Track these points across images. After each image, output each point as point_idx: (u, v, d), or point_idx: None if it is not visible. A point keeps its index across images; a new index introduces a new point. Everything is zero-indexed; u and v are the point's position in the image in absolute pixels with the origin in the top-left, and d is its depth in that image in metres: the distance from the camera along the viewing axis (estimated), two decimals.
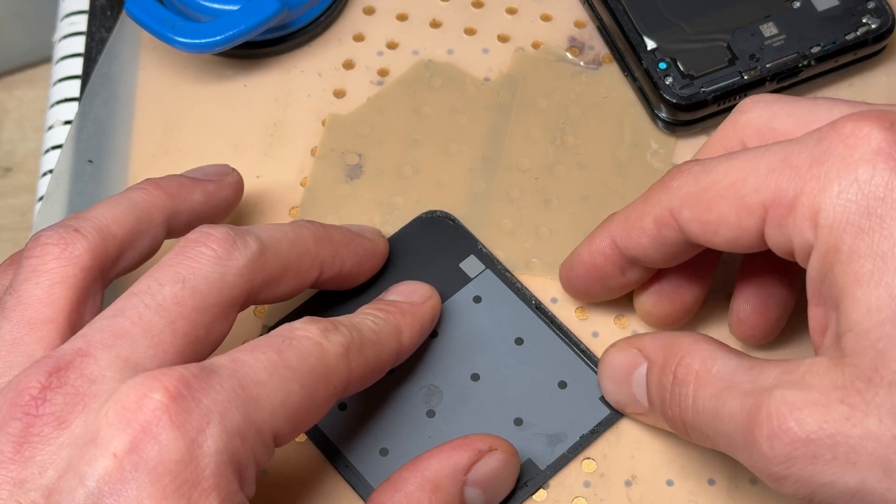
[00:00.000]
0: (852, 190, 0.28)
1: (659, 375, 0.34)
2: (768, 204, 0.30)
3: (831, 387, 0.28)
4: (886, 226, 0.28)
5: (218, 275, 0.32)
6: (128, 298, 0.31)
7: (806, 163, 0.29)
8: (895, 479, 0.27)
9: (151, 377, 0.28)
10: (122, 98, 0.44)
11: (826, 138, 0.29)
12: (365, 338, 0.33)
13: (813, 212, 0.29)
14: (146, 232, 0.35)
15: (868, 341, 0.28)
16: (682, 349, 0.33)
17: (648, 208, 0.34)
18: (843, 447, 0.27)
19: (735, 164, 0.31)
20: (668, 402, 0.33)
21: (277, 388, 0.30)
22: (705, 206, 0.32)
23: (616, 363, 0.36)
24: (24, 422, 0.28)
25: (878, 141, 0.28)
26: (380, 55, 0.45)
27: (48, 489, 0.27)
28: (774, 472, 0.29)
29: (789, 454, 0.28)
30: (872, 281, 0.28)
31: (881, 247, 0.28)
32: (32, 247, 0.32)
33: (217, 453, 0.28)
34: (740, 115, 0.34)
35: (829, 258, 0.29)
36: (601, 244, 0.36)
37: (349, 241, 0.37)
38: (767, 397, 0.29)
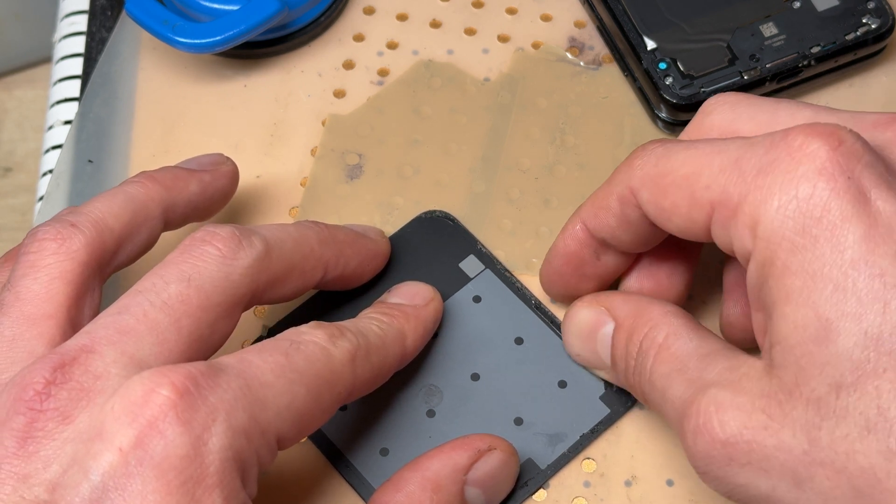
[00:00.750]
0: (791, 206, 0.28)
1: (626, 341, 0.34)
2: (715, 203, 0.30)
3: (758, 394, 0.29)
4: (819, 246, 0.28)
5: (223, 274, 0.32)
6: (133, 296, 0.31)
7: (753, 170, 0.30)
8: (803, 490, 0.28)
9: (159, 373, 0.28)
10: (122, 98, 0.44)
11: (776, 147, 0.29)
12: (371, 344, 0.34)
13: (753, 221, 0.29)
14: (143, 225, 0.35)
15: (793, 356, 0.28)
16: (651, 319, 0.33)
17: (612, 187, 0.34)
18: (757, 454, 0.28)
19: (693, 154, 0.31)
20: (631, 370, 0.34)
21: (284, 391, 0.30)
22: (661, 192, 0.32)
23: (582, 319, 0.36)
24: (29, 417, 0.28)
25: (823, 160, 0.28)
26: (380, 55, 0.45)
27: (52, 484, 0.27)
28: (696, 465, 0.30)
29: (709, 452, 0.29)
30: (801, 298, 0.28)
31: (812, 266, 0.28)
32: (29, 242, 0.32)
33: (222, 451, 0.28)
34: (704, 117, 0.34)
35: (765, 270, 0.29)
36: (573, 228, 0.36)
37: (353, 241, 0.37)
38: (702, 394, 0.30)
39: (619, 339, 0.35)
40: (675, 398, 0.31)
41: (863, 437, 0.27)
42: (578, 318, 0.37)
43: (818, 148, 0.29)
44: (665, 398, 0.32)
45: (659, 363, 0.32)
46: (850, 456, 0.27)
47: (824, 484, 0.28)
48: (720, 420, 0.29)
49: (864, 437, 0.27)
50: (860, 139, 0.29)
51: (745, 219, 0.30)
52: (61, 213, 0.34)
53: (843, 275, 0.28)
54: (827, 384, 0.27)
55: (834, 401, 0.27)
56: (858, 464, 0.27)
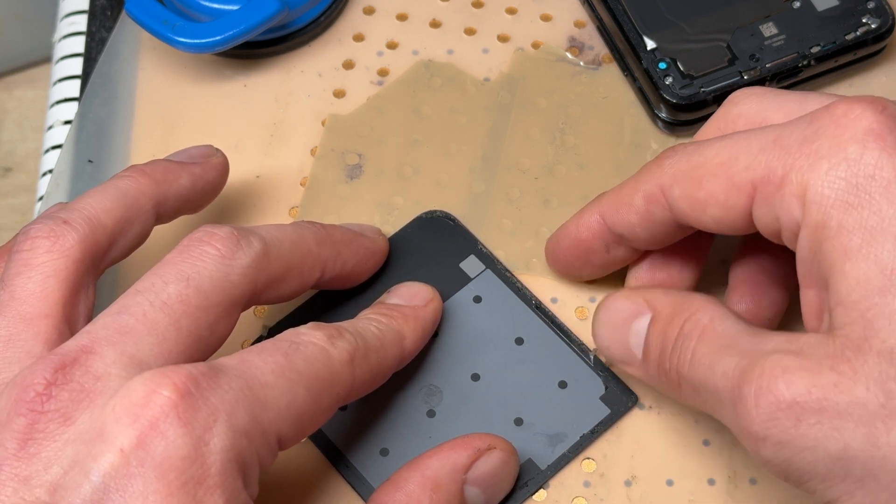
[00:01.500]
0: (842, 167, 0.29)
1: (664, 327, 0.33)
2: (757, 182, 0.30)
3: (824, 356, 0.28)
4: (875, 202, 0.28)
5: (222, 274, 0.32)
6: (132, 296, 0.31)
7: (797, 142, 0.30)
8: (879, 446, 0.27)
9: (160, 374, 0.28)
10: (122, 98, 0.44)
11: (818, 119, 0.30)
12: (369, 345, 0.34)
13: (801, 189, 0.29)
14: (135, 220, 0.35)
15: (857, 312, 0.28)
16: (694, 305, 0.33)
17: (640, 185, 0.34)
18: (829, 413, 0.28)
19: (727, 143, 0.32)
20: (668, 354, 0.33)
21: (284, 392, 0.30)
22: (695, 184, 0.32)
23: (618, 308, 0.35)
24: (29, 418, 0.28)
25: (870, 122, 0.29)
26: (380, 55, 0.45)
27: (53, 485, 0.27)
28: (756, 430, 0.29)
29: (773, 413, 0.28)
30: (861, 254, 0.28)
31: (869, 222, 0.28)
32: (22, 240, 0.32)
33: (223, 451, 0.28)
34: (731, 107, 0.34)
35: (818, 234, 0.29)
36: (589, 219, 0.36)
37: (350, 240, 0.37)
38: (763, 358, 0.29)
39: (656, 327, 0.34)
40: (727, 369, 0.30)
41: None
42: (615, 307, 0.36)
43: (863, 112, 0.29)
44: (713, 372, 0.30)
45: (704, 342, 0.31)
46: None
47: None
48: (787, 380, 0.28)
49: None
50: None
51: (792, 188, 0.29)
52: (53, 210, 0.34)
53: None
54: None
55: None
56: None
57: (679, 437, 0.38)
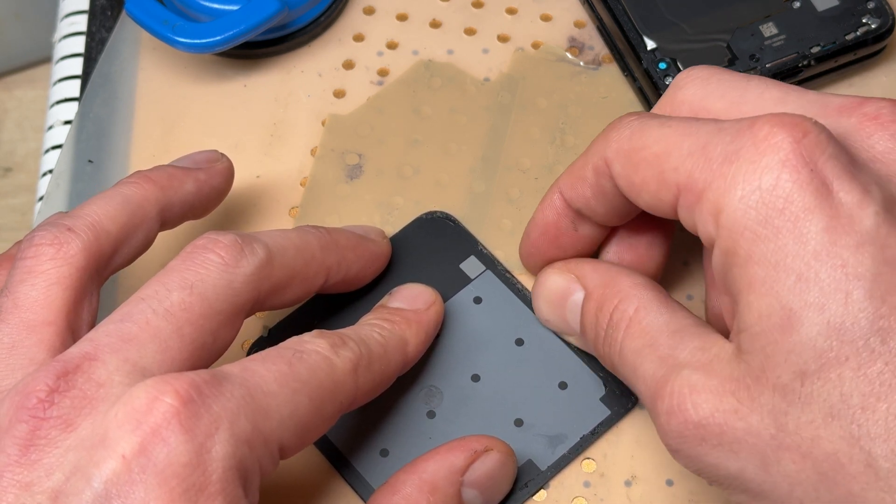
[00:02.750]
0: (754, 196, 0.29)
1: (595, 312, 0.34)
2: (681, 186, 0.31)
3: (728, 377, 0.29)
4: (782, 237, 0.28)
5: (225, 282, 0.32)
6: (135, 303, 0.31)
7: (719, 158, 0.30)
8: (770, 472, 0.28)
9: (163, 381, 0.28)
10: (122, 98, 0.44)
11: (741, 136, 0.30)
12: (373, 353, 0.34)
13: (716, 209, 0.29)
14: (140, 226, 0.34)
15: (758, 344, 0.29)
16: (621, 291, 0.34)
17: (589, 158, 0.34)
18: (728, 437, 0.29)
19: (665, 133, 0.32)
20: (601, 341, 0.34)
21: (287, 401, 0.30)
22: (633, 167, 0.32)
23: (552, 286, 0.37)
24: (31, 425, 0.28)
25: (787, 151, 0.29)
26: (380, 55, 0.45)
27: (55, 492, 0.27)
28: (669, 444, 0.30)
29: (682, 432, 0.30)
30: (764, 288, 0.28)
31: (775, 256, 0.28)
32: (26, 247, 0.32)
33: (224, 459, 0.28)
34: (676, 91, 0.34)
35: (728, 259, 0.29)
36: (551, 198, 0.37)
37: (354, 245, 0.37)
38: (676, 374, 0.30)
39: (588, 308, 0.35)
40: (646, 376, 0.31)
41: (827, 423, 0.27)
42: (549, 284, 0.37)
43: (782, 139, 0.29)
44: (636, 375, 0.32)
45: (629, 338, 0.33)
46: (815, 441, 0.28)
47: (790, 467, 0.28)
48: (693, 402, 0.29)
49: (828, 423, 0.27)
50: (824, 130, 0.29)
51: (708, 206, 0.30)
52: (57, 217, 0.34)
53: (806, 265, 0.28)
54: (792, 371, 0.28)
55: (799, 387, 0.28)
56: (823, 449, 0.28)
57: None
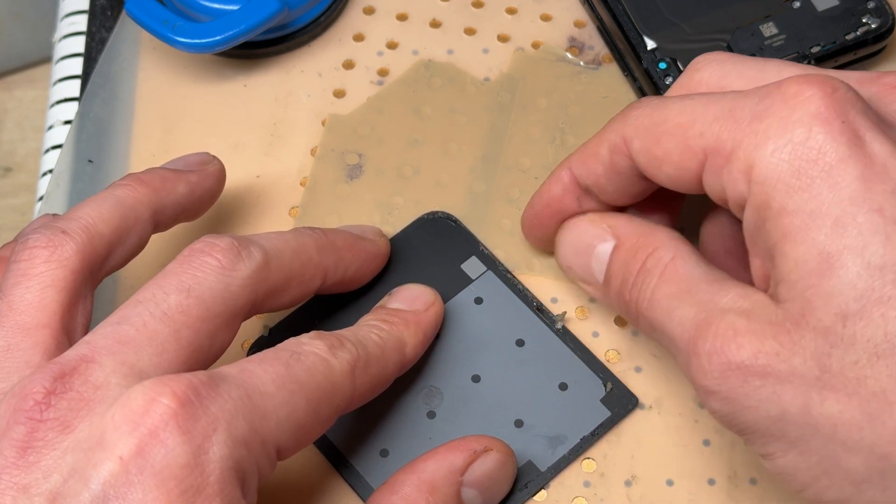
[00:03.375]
0: (786, 150, 0.29)
1: (626, 258, 0.34)
2: (709, 150, 0.31)
3: (768, 322, 0.29)
4: (816, 186, 0.28)
5: (223, 285, 0.32)
6: (132, 306, 0.31)
7: (747, 117, 0.30)
8: (811, 414, 0.28)
9: (160, 382, 0.28)
10: (122, 98, 0.44)
11: (769, 96, 0.30)
12: (370, 354, 0.34)
13: (748, 166, 0.30)
14: (133, 229, 0.34)
15: (797, 290, 0.29)
16: (658, 240, 0.34)
17: (605, 135, 0.35)
18: (771, 378, 0.29)
19: (688, 104, 0.32)
20: (628, 287, 0.34)
21: (284, 402, 0.30)
22: (654, 140, 0.32)
23: (581, 230, 0.36)
24: (29, 427, 0.28)
25: (818, 105, 0.29)
26: (380, 55, 0.45)
27: (53, 494, 0.27)
28: (706, 384, 0.30)
29: (723, 372, 0.30)
30: (800, 237, 0.29)
31: (809, 205, 0.28)
32: (20, 250, 0.32)
33: (222, 460, 0.28)
34: (693, 73, 0.34)
35: (761, 213, 0.30)
36: (560, 173, 0.37)
37: (351, 245, 0.37)
38: (719, 317, 0.30)
39: (618, 256, 0.35)
40: (684, 318, 0.31)
41: (872, 362, 0.28)
42: (578, 230, 0.37)
43: (812, 94, 0.29)
44: (670, 317, 0.32)
45: (665, 282, 0.33)
46: (861, 381, 0.28)
47: (834, 408, 0.28)
48: (738, 343, 0.29)
49: (873, 363, 0.28)
50: (852, 88, 0.30)
51: (739, 164, 0.30)
52: (50, 220, 0.34)
53: (843, 211, 0.28)
54: (833, 313, 0.28)
55: (841, 329, 0.28)
56: (869, 388, 0.28)
57: (679, 437, 0.38)
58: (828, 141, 0.29)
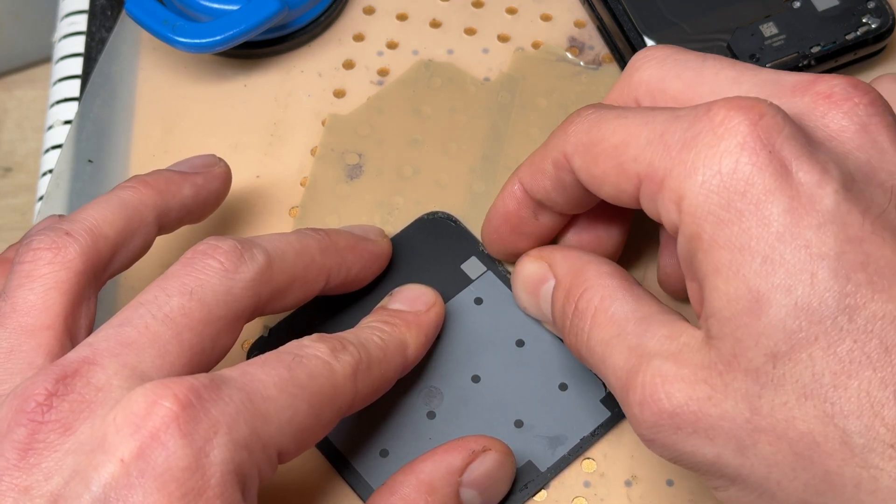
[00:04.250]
0: (714, 181, 0.29)
1: (563, 300, 0.35)
2: (642, 176, 0.31)
3: (699, 365, 0.29)
4: (745, 220, 0.28)
5: (225, 288, 0.32)
6: (134, 308, 0.31)
7: (677, 145, 0.30)
8: (746, 456, 0.29)
9: (162, 385, 0.28)
10: (122, 98, 0.44)
11: (699, 121, 0.30)
12: (372, 357, 0.34)
13: (678, 196, 0.29)
14: (137, 231, 0.34)
15: (728, 329, 0.29)
16: (587, 280, 0.34)
17: (548, 151, 0.35)
18: (703, 423, 0.29)
19: (623, 124, 0.32)
20: (568, 330, 0.34)
21: (286, 406, 0.30)
22: (592, 160, 0.32)
23: (526, 273, 0.37)
24: (30, 428, 0.28)
25: (745, 134, 0.29)
26: (380, 55, 0.45)
27: (54, 495, 0.27)
28: (643, 434, 0.30)
29: (656, 422, 0.30)
30: (731, 272, 0.28)
31: (739, 240, 0.28)
32: (24, 252, 0.32)
33: (223, 463, 0.28)
34: (633, 73, 0.34)
35: (693, 244, 0.29)
36: (512, 188, 0.37)
37: (354, 246, 0.37)
38: (646, 364, 0.30)
39: (557, 296, 0.35)
40: (616, 367, 0.31)
41: (800, 403, 0.28)
42: (524, 272, 0.37)
43: (739, 122, 0.29)
44: (606, 365, 0.32)
45: (596, 327, 0.33)
46: (790, 422, 0.28)
47: (766, 449, 0.28)
48: (666, 392, 0.29)
49: (801, 404, 0.28)
50: (780, 111, 0.29)
51: (670, 193, 0.30)
52: (54, 221, 0.34)
53: (771, 248, 0.28)
54: (763, 354, 0.28)
55: (771, 370, 0.28)
56: (798, 429, 0.28)
57: None
58: (755, 172, 0.28)
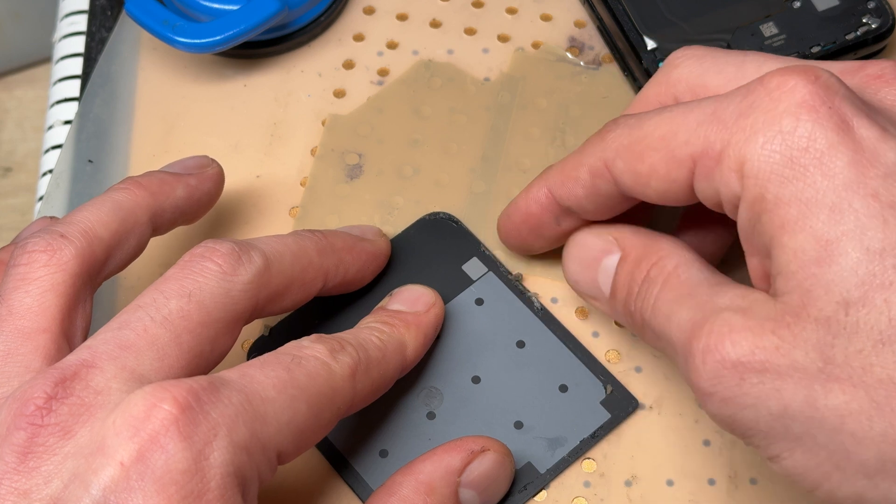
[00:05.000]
0: (776, 141, 0.29)
1: (632, 269, 0.34)
2: (697, 156, 0.31)
3: (767, 317, 0.29)
4: (809, 174, 0.28)
5: (223, 290, 0.32)
6: (133, 311, 0.31)
7: (733, 116, 0.30)
8: (816, 407, 0.28)
9: (161, 388, 0.28)
10: (122, 98, 0.44)
11: (753, 92, 0.30)
12: (371, 357, 0.34)
13: (739, 163, 0.30)
14: (132, 232, 0.34)
15: (796, 281, 0.28)
16: (662, 249, 0.34)
17: (584, 158, 0.34)
18: (770, 374, 0.28)
19: (667, 117, 0.32)
20: (633, 296, 0.34)
21: (285, 407, 0.30)
22: (637, 158, 0.32)
23: (588, 244, 0.36)
24: (29, 432, 0.28)
25: (803, 94, 0.29)
26: (380, 55, 0.45)
27: (53, 499, 0.27)
28: (703, 386, 0.30)
29: (718, 371, 0.29)
30: (797, 226, 0.28)
31: (804, 194, 0.28)
32: (19, 254, 0.32)
33: (223, 466, 0.28)
34: (672, 70, 0.34)
35: (757, 207, 0.29)
36: (538, 193, 0.37)
37: (351, 246, 0.37)
38: (714, 316, 0.30)
39: (623, 267, 0.35)
40: (682, 320, 0.31)
41: (878, 350, 0.27)
42: (583, 244, 0.36)
43: (796, 84, 0.29)
44: (670, 321, 0.31)
45: (667, 289, 0.32)
46: (867, 369, 0.27)
47: (840, 399, 0.27)
48: (733, 340, 0.29)
49: (879, 350, 0.27)
50: (834, 75, 0.30)
51: (730, 162, 0.30)
52: (48, 223, 0.34)
53: (838, 198, 0.28)
54: (834, 302, 0.28)
55: (843, 317, 0.27)
56: (876, 376, 0.27)
57: (679, 437, 0.38)
58: (816, 128, 0.28)
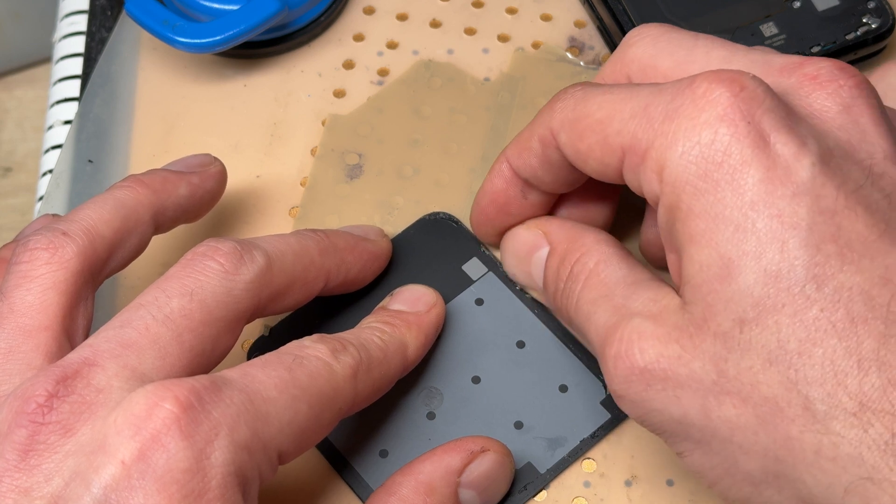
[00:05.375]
0: (694, 152, 0.29)
1: (558, 265, 0.35)
2: (626, 148, 0.31)
3: (673, 326, 0.30)
4: (720, 190, 0.29)
5: (225, 289, 0.32)
6: (135, 309, 0.31)
7: (660, 116, 0.30)
8: (710, 418, 0.29)
9: (162, 387, 0.28)
10: (122, 98, 0.44)
11: (681, 94, 0.30)
12: (372, 357, 0.34)
13: (659, 167, 0.30)
14: (134, 230, 0.34)
15: (700, 294, 0.29)
16: (585, 245, 0.35)
17: (535, 128, 0.35)
18: (671, 382, 0.30)
19: (608, 99, 0.32)
20: (559, 293, 0.35)
21: (286, 407, 0.30)
22: (578, 135, 0.33)
23: (520, 240, 0.38)
24: (30, 430, 0.28)
25: (725, 106, 0.29)
26: (380, 55, 0.45)
27: (54, 497, 0.27)
28: (616, 389, 0.31)
29: (628, 377, 0.30)
30: (704, 240, 0.29)
31: (714, 209, 0.29)
32: (21, 252, 0.32)
33: (224, 465, 0.28)
34: (627, 49, 0.35)
35: (671, 214, 0.30)
36: (500, 167, 0.37)
37: (353, 246, 0.37)
38: (626, 321, 0.31)
39: (551, 262, 0.36)
40: (599, 324, 0.32)
41: (765, 368, 0.28)
42: (517, 239, 0.38)
43: (720, 95, 0.29)
44: (590, 322, 0.33)
45: (587, 288, 0.33)
46: (755, 386, 0.28)
47: (730, 412, 0.29)
48: (640, 348, 0.30)
49: (766, 369, 0.28)
50: (762, 84, 0.30)
51: (652, 164, 0.30)
52: (50, 221, 0.34)
53: (744, 216, 0.28)
54: (731, 319, 0.28)
55: (738, 335, 0.28)
56: (762, 393, 0.28)
57: None
58: (733, 143, 0.29)
